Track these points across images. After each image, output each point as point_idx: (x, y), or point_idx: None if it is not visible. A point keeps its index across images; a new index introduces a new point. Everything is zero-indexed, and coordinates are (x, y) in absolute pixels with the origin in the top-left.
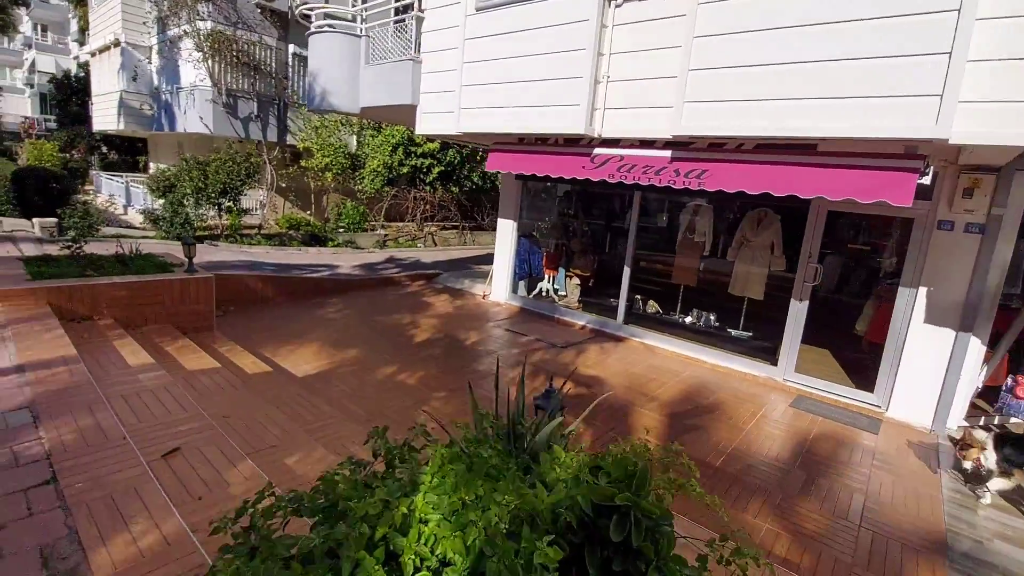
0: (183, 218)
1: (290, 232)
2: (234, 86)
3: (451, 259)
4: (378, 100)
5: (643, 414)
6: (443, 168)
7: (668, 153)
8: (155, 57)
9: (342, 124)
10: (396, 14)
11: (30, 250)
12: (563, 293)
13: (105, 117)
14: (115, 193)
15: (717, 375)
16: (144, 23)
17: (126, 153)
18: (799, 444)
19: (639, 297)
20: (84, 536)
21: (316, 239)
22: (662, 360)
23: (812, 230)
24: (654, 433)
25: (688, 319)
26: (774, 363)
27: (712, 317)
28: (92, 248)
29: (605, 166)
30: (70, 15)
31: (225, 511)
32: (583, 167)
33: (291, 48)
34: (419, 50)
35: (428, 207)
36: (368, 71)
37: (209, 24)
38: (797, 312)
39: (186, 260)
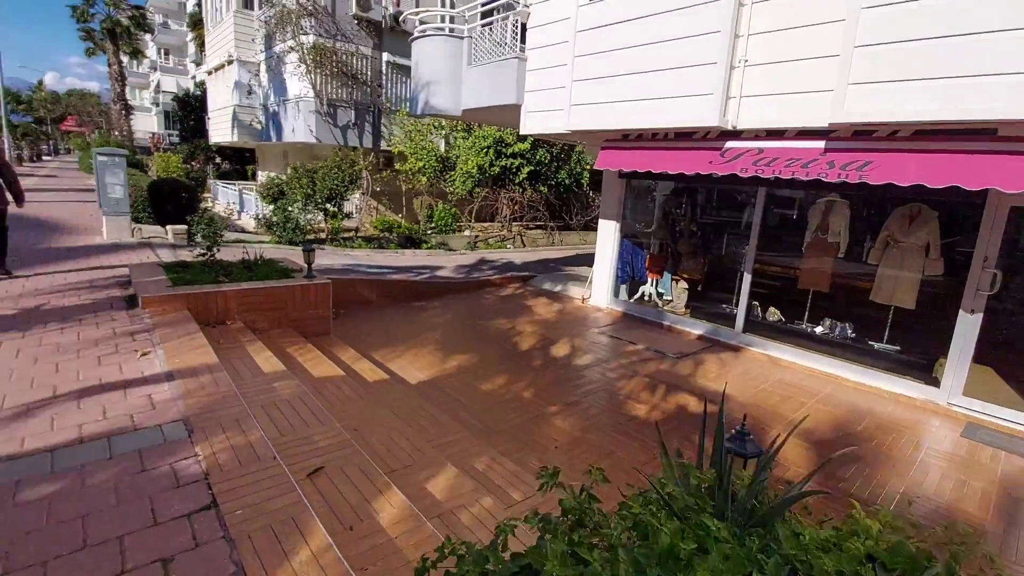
0: (294, 223)
1: (385, 234)
2: (334, 96)
3: (541, 260)
4: (481, 101)
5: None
6: (532, 168)
7: (820, 144)
8: (263, 72)
9: (434, 127)
10: (498, 12)
11: (166, 256)
12: (668, 298)
13: (220, 130)
14: (231, 200)
15: (862, 395)
16: (253, 40)
17: (236, 162)
18: (986, 485)
19: (756, 303)
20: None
21: (411, 241)
22: (792, 375)
23: (989, 229)
24: (802, 465)
25: (819, 329)
26: (935, 383)
27: (849, 328)
28: (219, 254)
29: (738, 160)
30: (188, 39)
31: (377, 545)
32: (710, 162)
33: (385, 56)
34: (524, 48)
35: (517, 207)
36: (471, 72)
37: (312, 38)
38: (968, 326)
39: (305, 266)
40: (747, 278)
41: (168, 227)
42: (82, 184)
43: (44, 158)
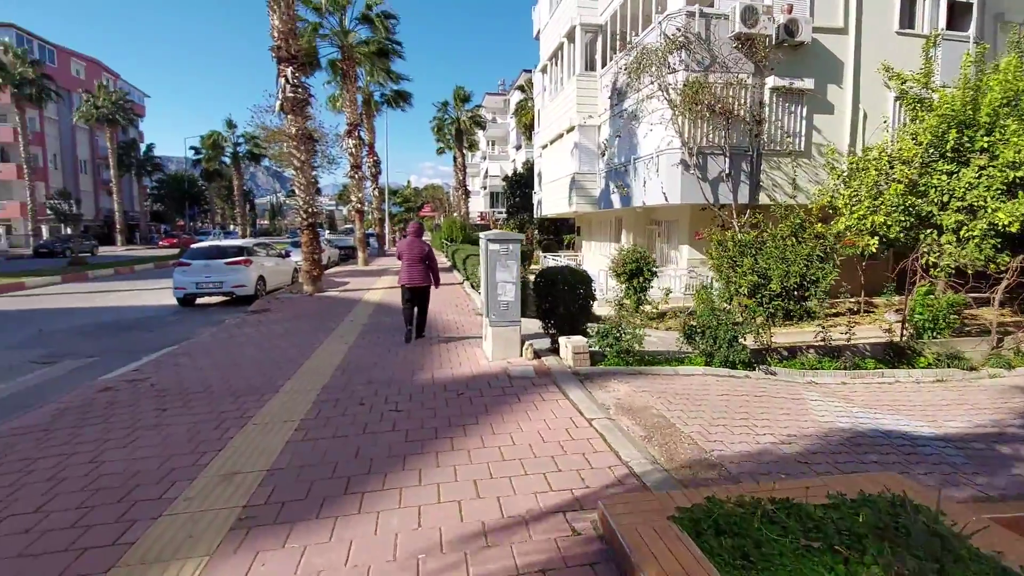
0: (729, 333)
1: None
2: (704, 142)
3: None
4: None
5: None
6: None
7: None
8: (605, 135)
9: (897, 161)
10: None
11: (582, 399)
12: None
13: (554, 202)
14: None
15: None
16: (595, 103)
17: (550, 233)
18: None
19: None
20: None
21: (895, 352)
22: None
23: None
24: None
25: None
26: None
27: None
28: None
29: None
30: (510, 128)
31: None
32: None
33: (769, 81)
34: None
35: None
36: None
37: (681, 75)
38: None
39: None
40: None
41: (565, 341)
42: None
43: None
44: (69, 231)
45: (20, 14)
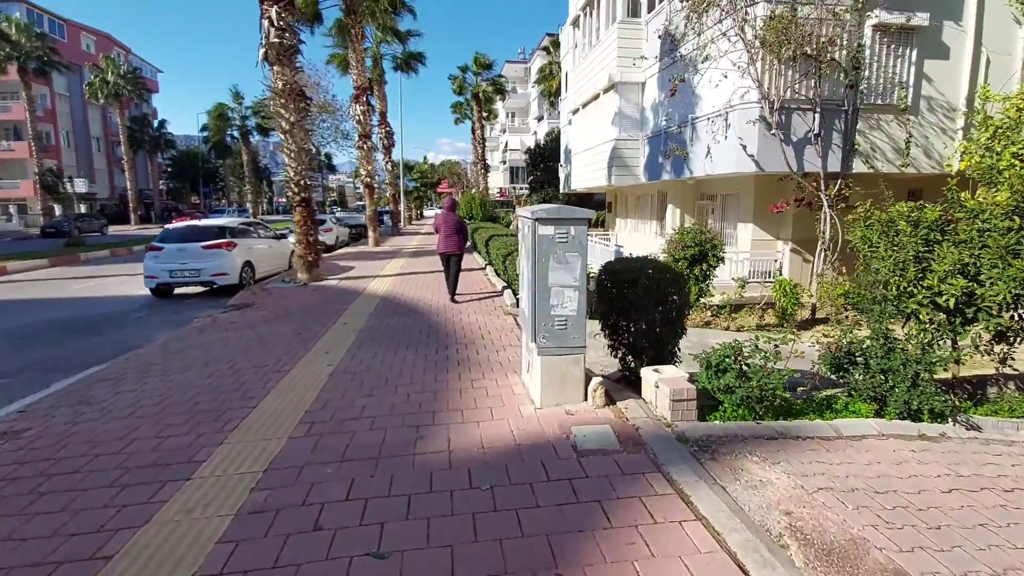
0: (911, 367)
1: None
2: (787, 94)
3: None
4: None
5: None
6: None
7: None
8: (653, 92)
9: None
10: None
11: (721, 516)
12: None
13: (588, 174)
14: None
15: None
16: (637, 57)
17: None
18: None
19: None
20: None
21: None
22: None
23: None
24: None
25: None
26: None
27: None
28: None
29: None
30: (531, 99)
31: None
32: None
33: (875, 15)
34: None
35: None
36: None
37: (762, 7)
38: None
39: None
40: None
41: (648, 375)
42: None
43: (425, 215)
44: (83, 210)
45: None
